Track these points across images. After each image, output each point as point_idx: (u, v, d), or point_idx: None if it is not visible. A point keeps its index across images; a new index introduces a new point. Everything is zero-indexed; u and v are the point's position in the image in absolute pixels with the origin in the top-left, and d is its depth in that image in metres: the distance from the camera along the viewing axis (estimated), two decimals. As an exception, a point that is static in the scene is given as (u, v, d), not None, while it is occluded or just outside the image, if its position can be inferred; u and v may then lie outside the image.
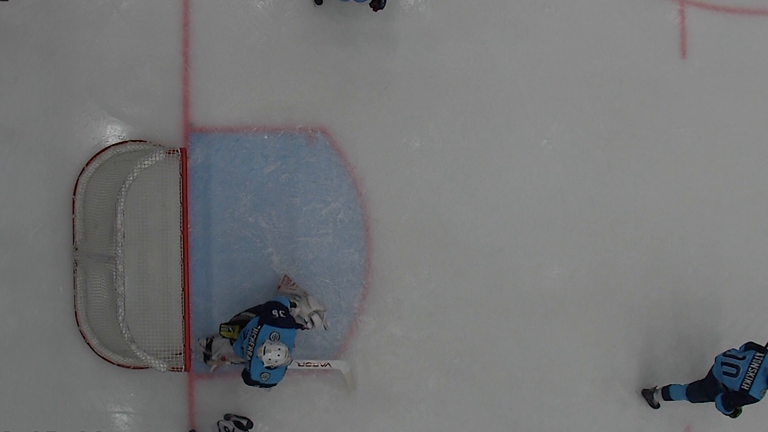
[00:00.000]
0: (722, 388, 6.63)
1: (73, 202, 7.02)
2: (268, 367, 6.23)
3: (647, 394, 7.35)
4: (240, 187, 7.18)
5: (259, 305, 6.67)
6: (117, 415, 7.09)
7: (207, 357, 6.96)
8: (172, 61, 7.15)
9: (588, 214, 7.41)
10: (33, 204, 7.05)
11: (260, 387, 6.42)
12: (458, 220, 7.29)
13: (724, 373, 6.55)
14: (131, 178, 6.48)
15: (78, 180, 7.02)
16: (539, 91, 7.42)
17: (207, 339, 6.99)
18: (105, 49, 7.11)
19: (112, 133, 7.13)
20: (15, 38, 7.06)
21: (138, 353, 6.57)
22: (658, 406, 7.34)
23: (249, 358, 6.28)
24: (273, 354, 6.14)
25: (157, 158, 6.59)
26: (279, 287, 7.04)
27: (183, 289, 6.75)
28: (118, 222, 6.46)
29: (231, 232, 7.17)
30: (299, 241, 7.22)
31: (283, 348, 6.18)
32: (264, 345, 6.16)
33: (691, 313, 7.49)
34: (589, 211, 7.41)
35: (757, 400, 6.49)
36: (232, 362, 6.85)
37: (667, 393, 7.20)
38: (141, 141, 7.07)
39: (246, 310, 6.77)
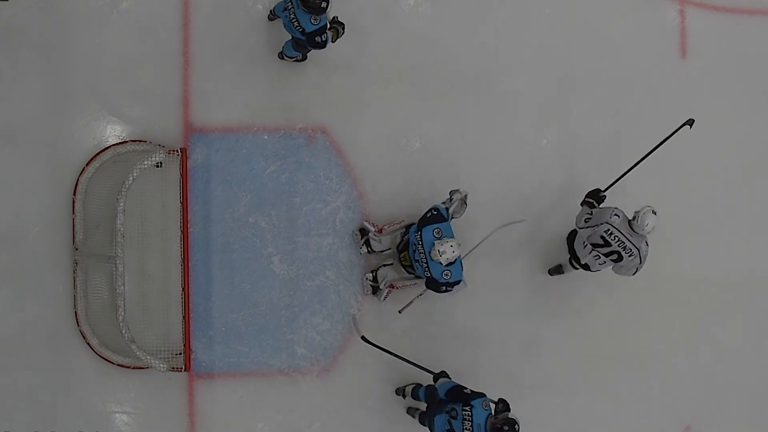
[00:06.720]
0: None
1: (73, 202, 7.02)
2: (447, 266, 6.42)
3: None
4: (240, 187, 7.18)
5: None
6: (117, 415, 7.09)
7: (375, 289, 7.13)
8: (172, 61, 7.15)
9: (588, 214, 7.41)
10: (33, 204, 7.04)
11: (448, 289, 6.58)
12: (458, 220, 7.28)
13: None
14: (131, 178, 6.49)
15: (78, 180, 7.02)
16: (539, 91, 7.42)
17: (372, 272, 7.12)
18: (105, 49, 7.11)
19: (112, 133, 7.13)
20: (15, 38, 7.07)
21: (138, 353, 6.58)
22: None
23: (426, 265, 6.48)
24: (446, 249, 6.33)
25: (157, 158, 6.59)
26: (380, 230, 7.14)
27: (183, 289, 6.77)
28: (118, 222, 6.47)
29: (231, 232, 7.17)
30: (299, 241, 7.22)
31: (453, 241, 6.39)
32: (435, 246, 6.35)
33: (691, 311, 7.50)
34: (589, 211, 7.41)
35: None
36: (399, 287, 7.08)
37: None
38: (141, 141, 7.07)
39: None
